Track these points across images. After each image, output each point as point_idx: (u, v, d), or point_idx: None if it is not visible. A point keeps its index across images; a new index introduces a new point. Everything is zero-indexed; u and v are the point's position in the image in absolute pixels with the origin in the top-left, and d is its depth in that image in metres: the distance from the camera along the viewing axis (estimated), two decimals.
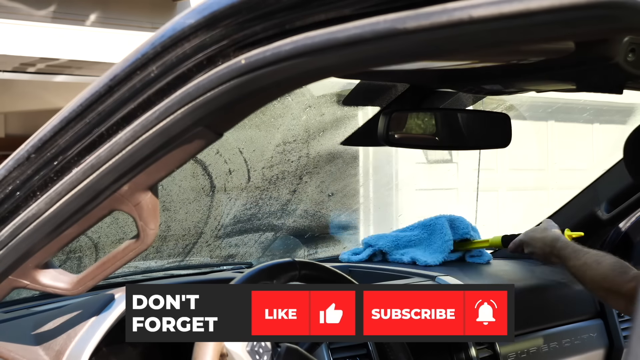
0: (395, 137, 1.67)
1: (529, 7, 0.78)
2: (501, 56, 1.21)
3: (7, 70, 6.03)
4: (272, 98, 1.01)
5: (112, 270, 1.14)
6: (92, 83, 1.05)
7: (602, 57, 1.24)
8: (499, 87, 1.60)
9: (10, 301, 1.83)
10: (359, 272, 2.33)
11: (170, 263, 2.92)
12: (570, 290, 2.43)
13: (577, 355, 2.37)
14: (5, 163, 1.10)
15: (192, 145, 1.01)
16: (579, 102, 6.55)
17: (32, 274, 1.14)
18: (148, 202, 1.06)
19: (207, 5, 0.95)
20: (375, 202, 6.00)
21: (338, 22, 0.87)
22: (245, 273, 1.57)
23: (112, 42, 6.10)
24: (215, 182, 3.39)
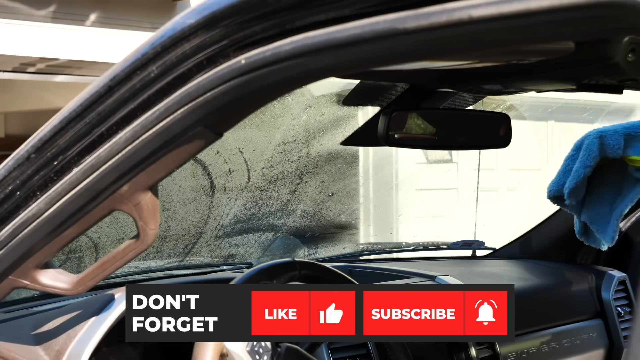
0: (395, 137, 1.67)
1: (529, 7, 0.78)
2: (501, 56, 1.21)
3: (7, 70, 6.03)
4: (272, 98, 1.01)
5: (112, 270, 1.14)
6: (92, 83, 1.05)
7: (602, 57, 1.24)
8: (499, 87, 1.60)
9: (10, 301, 1.83)
10: (359, 272, 2.33)
11: (170, 263, 2.92)
12: (570, 290, 2.44)
13: (577, 355, 2.37)
14: (5, 163, 1.10)
15: (192, 145, 1.01)
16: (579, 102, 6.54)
17: (32, 274, 1.14)
18: (148, 202, 1.06)
19: (207, 5, 0.95)
20: (375, 202, 6.00)
21: (338, 22, 0.87)
22: (245, 273, 1.57)
23: (112, 42, 6.10)
24: (215, 182, 3.39)
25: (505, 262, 2.66)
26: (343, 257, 2.80)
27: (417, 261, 2.71)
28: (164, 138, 0.99)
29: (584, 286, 2.49)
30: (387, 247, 3.12)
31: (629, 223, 2.68)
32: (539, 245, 2.72)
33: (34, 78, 6.22)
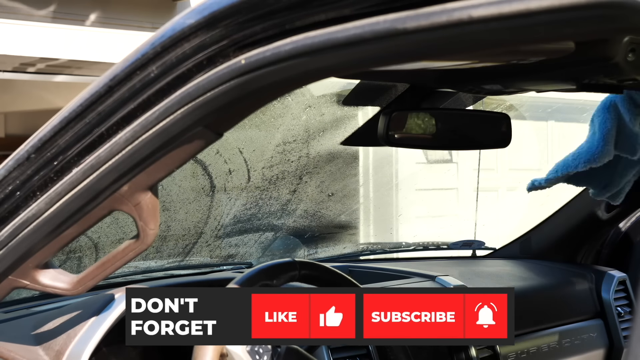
0: (395, 137, 1.67)
1: (529, 7, 0.78)
2: (501, 56, 1.21)
3: (7, 70, 6.03)
4: (272, 98, 1.01)
5: (112, 270, 1.14)
6: (92, 83, 1.05)
7: (602, 57, 1.24)
8: (499, 87, 1.60)
9: (10, 301, 1.83)
10: (359, 272, 2.33)
11: (170, 263, 2.91)
12: (570, 290, 2.44)
13: (577, 355, 2.37)
14: (5, 163, 1.10)
15: (192, 145, 1.01)
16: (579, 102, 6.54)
17: (32, 274, 1.14)
18: (148, 202, 1.06)
19: (207, 5, 0.95)
20: (375, 202, 5.99)
21: (338, 22, 0.87)
22: (245, 273, 1.57)
23: (112, 42, 6.11)
24: (215, 182, 3.38)
25: (505, 262, 2.66)
26: (343, 257, 2.80)
27: (417, 261, 2.70)
28: (164, 138, 0.99)
29: (584, 286, 2.49)
30: (387, 247, 3.12)
31: (629, 223, 2.68)
32: (539, 245, 2.72)
33: (34, 78, 6.22)
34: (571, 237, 2.60)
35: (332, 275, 1.67)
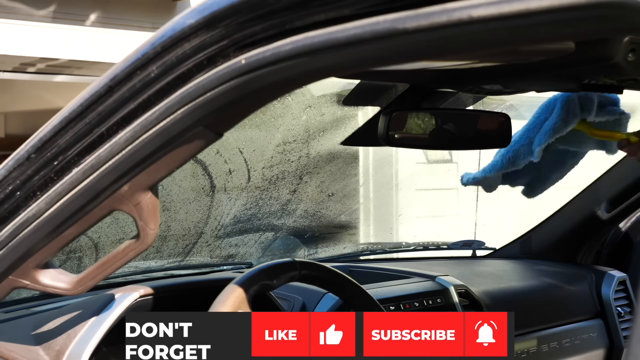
0: (395, 137, 1.67)
1: (529, 7, 0.78)
2: (501, 56, 1.21)
3: (7, 70, 6.03)
4: (272, 98, 1.01)
5: (112, 270, 1.14)
6: (92, 83, 1.05)
7: (602, 57, 1.24)
8: (499, 87, 1.60)
9: (10, 301, 1.83)
10: (359, 272, 2.32)
11: (170, 263, 2.91)
12: (570, 290, 2.44)
13: (577, 355, 2.37)
14: (5, 163, 1.10)
15: (192, 145, 1.01)
16: None
17: (32, 274, 1.14)
18: (148, 202, 1.06)
19: (207, 5, 0.95)
20: (375, 202, 5.99)
21: (338, 22, 0.87)
22: (245, 273, 1.57)
23: (112, 42, 6.10)
24: (215, 182, 3.39)
25: (505, 262, 2.66)
26: (343, 257, 2.79)
27: (417, 261, 2.70)
28: (164, 138, 0.99)
29: (584, 286, 2.49)
30: (387, 247, 3.12)
31: (629, 223, 2.68)
32: (539, 245, 2.72)
33: (34, 78, 6.22)
34: (571, 237, 2.60)
35: (332, 275, 1.67)
